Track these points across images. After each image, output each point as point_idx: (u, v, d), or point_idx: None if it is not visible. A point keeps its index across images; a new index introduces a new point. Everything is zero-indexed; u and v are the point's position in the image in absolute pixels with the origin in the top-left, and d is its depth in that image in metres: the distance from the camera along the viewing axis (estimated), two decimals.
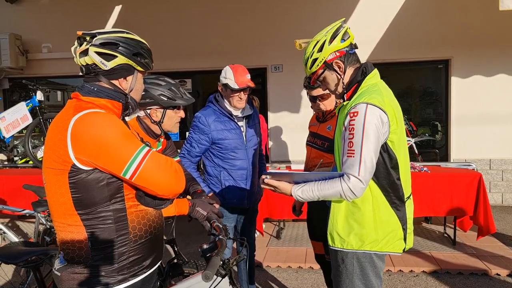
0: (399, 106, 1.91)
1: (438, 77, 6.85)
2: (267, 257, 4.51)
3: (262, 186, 1.92)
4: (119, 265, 1.50)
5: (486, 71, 6.36)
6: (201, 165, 3.16)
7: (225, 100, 2.89)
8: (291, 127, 6.81)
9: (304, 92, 6.80)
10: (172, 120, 2.25)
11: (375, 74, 1.91)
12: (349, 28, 1.94)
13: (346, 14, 6.55)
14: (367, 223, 1.85)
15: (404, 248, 1.93)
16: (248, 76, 2.83)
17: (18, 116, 5.69)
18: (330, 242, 1.97)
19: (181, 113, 2.28)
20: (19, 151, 6.88)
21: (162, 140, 2.44)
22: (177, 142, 7.08)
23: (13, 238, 4.03)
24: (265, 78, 7.00)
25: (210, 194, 2.91)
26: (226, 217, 2.96)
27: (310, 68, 1.95)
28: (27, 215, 4.07)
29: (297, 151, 6.75)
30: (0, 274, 3.38)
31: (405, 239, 1.91)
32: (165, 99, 2.17)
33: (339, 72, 1.91)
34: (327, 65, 1.91)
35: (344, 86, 1.92)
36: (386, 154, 1.81)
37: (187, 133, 3.11)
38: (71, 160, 1.41)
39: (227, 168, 2.90)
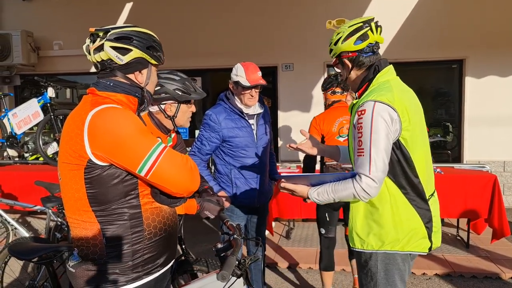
0: (416, 103, 1.86)
1: (452, 77, 6.75)
2: (277, 257, 4.48)
3: (281, 190, 1.91)
4: (133, 262, 1.48)
5: (501, 71, 6.26)
6: (211, 164, 3.14)
7: (236, 98, 2.87)
8: (302, 126, 6.64)
9: (314, 91, 6.77)
10: (185, 115, 2.30)
11: (387, 71, 1.87)
12: (376, 29, 1.92)
13: (358, 13, 6.49)
14: (385, 223, 1.81)
15: (430, 247, 1.86)
16: (259, 73, 2.81)
17: (30, 113, 5.71)
18: (351, 243, 1.93)
19: (193, 108, 2.33)
20: (30, 148, 6.93)
21: (173, 135, 2.44)
22: (186, 141, 7.11)
23: (24, 233, 4.05)
24: (275, 77, 6.96)
25: (220, 193, 2.89)
26: (237, 216, 2.94)
27: (330, 53, 2.02)
28: (38, 211, 4.09)
29: None
30: (8, 272, 3.38)
31: (429, 238, 1.85)
32: (180, 93, 2.22)
33: (345, 69, 1.95)
34: (340, 60, 1.96)
35: (346, 83, 2.00)
36: (399, 151, 1.76)
37: (196, 131, 3.10)
38: (88, 155, 1.40)
39: (237, 166, 2.88)
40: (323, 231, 3.35)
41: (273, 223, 5.30)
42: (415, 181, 1.80)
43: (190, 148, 3.04)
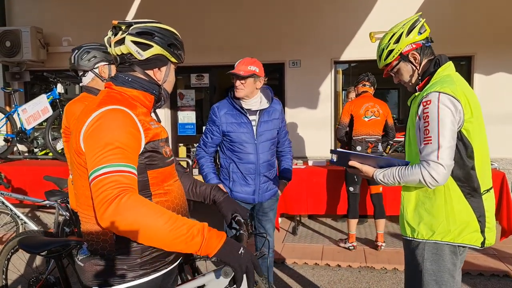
0: (476, 98, 1.91)
1: (461, 74, 6.63)
2: (283, 253, 4.50)
3: (347, 169, 2.03)
4: (142, 260, 1.48)
5: (510, 68, 6.19)
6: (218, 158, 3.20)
7: None
8: (308, 123, 6.75)
9: (322, 88, 6.74)
10: None
11: (448, 66, 1.94)
12: (425, 21, 2.01)
13: (366, 10, 6.45)
14: (437, 213, 1.85)
15: (483, 242, 1.87)
16: (250, 67, 2.81)
17: (39, 108, 5.76)
18: (402, 232, 2.00)
19: None
20: (39, 143, 7.00)
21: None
22: (193, 136, 7.14)
23: (34, 228, 4.10)
24: (282, 74, 6.94)
25: (219, 185, 2.94)
26: None
27: (385, 59, 2.01)
28: (47, 205, 4.13)
29: (314, 148, 6.70)
30: (21, 263, 3.43)
31: (482, 232, 1.86)
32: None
33: (414, 63, 1.98)
34: (403, 57, 1.97)
35: (419, 78, 1.98)
36: (461, 142, 1.81)
37: (203, 127, 3.15)
38: (84, 152, 1.39)
39: (235, 160, 2.94)
40: (351, 189, 4.52)
41: (280, 219, 5.32)
42: (472, 174, 1.84)
43: (197, 143, 3.12)
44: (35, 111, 5.78)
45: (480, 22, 6.21)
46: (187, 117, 7.29)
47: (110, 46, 1.54)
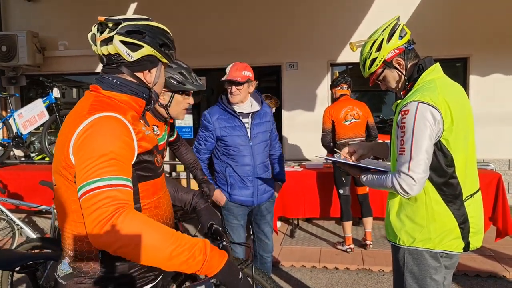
0: (462, 99, 1.85)
1: (456, 75, 6.70)
2: (280, 256, 4.50)
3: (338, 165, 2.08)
4: (128, 279, 1.40)
5: (506, 69, 6.21)
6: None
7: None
8: (306, 125, 6.74)
9: (319, 90, 6.75)
10: (179, 105, 2.21)
11: (433, 70, 1.88)
12: (405, 24, 1.97)
13: (363, 12, 6.47)
14: (418, 220, 1.85)
15: (466, 247, 1.87)
16: (245, 73, 2.82)
17: (35, 113, 5.75)
18: (387, 236, 2.02)
19: (190, 100, 2.25)
20: (36, 148, 6.99)
21: (174, 133, 2.49)
22: (190, 140, 7.13)
23: (30, 233, 4.09)
24: (279, 76, 6.95)
25: (216, 191, 2.97)
26: (234, 215, 2.99)
27: (369, 68, 1.97)
28: (44, 210, 4.12)
29: (312, 150, 6.67)
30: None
31: (464, 238, 1.85)
32: (174, 82, 2.14)
33: (399, 69, 1.93)
34: (387, 64, 1.93)
35: (406, 83, 1.92)
36: (440, 152, 1.78)
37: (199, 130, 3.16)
38: (74, 165, 1.27)
39: (232, 164, 2.94)
40: (341, 191, 4.52)
41: (278, 223, 5.31)
42: (453, 182, 1.82)
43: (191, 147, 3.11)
44: (31, 115, 5.77)
45: (475, 24, 6.23)
46: (185, 120, 7.29)
47: (95, 44, 1.41)
